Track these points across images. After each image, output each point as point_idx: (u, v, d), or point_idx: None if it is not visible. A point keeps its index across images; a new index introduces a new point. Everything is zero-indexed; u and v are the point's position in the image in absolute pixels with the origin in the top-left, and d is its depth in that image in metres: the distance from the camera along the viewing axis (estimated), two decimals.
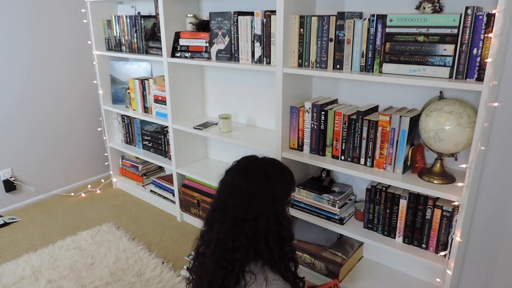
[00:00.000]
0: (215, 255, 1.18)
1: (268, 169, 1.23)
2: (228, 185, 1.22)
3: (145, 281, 2.04)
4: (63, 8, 2.87)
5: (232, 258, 1.16)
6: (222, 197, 1.22)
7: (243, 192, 1.17)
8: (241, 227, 1.16)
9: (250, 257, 1.17)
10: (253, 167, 1.24)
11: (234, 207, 1.17)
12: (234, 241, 1.16)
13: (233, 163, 1.29)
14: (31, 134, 2.88)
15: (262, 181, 1.19)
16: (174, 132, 2.48)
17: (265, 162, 1.27)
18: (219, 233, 1.19)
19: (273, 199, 1.20)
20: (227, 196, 1.19)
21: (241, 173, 1.22)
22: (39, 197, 3.01)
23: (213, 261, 1.18)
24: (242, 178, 1.20)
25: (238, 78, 2.36)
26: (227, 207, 1.19)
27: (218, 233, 1.19)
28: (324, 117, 1.79)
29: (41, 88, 2.87)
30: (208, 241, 1.25)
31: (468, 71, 1.38)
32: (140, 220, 2.71)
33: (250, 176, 1.20)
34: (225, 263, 1.16)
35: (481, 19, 1.31)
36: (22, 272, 2.12)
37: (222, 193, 1.23)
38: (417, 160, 1.66)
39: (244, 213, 1.16)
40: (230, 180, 1.23)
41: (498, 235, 1.65)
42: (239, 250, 1.15)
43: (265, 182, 1.19)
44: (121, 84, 2.98)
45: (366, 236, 1.75)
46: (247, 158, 1.30)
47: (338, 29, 1.64)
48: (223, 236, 1.18)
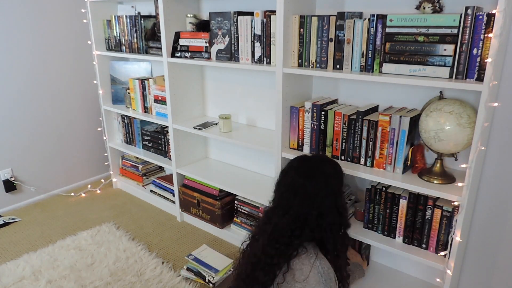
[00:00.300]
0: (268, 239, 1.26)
1: (324, 167, 1.34)
2: (290, 187, 1.30)
3: (145, 281, 2.04)
4: (63, 8, 2.87)
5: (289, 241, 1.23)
6: (284, 198, 1.30)
7: (307, 192, 1.26)
8: (303, 221, 1.24)
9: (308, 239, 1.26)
10: (311, 167, 1.33)
11: (298, 205, 1.25)
12: (295, 230, 1.24)
13: (288, 165, 1.38)
14: (31, 134, 2.88)
15: (323, 180, 1.29)
16: (174, 132, 2.48)
17: (319, 160, 1.38)
18: (277, 224, 1.27)
19: (333, 193, 1.30)
20: (291, 197, 1.27)
21: (301, 174, 1.30)
22: (39, 197, 3.01)
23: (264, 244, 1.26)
24: (304, 179, 1.28)
25: (238, 78, 2.36)
26: (290, 205, 1.27)
27: (276, 224, 1.27)
28: (324, 117, 1.79)
29: (41, 88, 2.87)
30: (263, 230, 1.31)
31: (468, 71, 1.38)
32: (140, 220, 2.71)
33: (310, 176, 1.29)
34: (277, 244, 1.24)
35: (481, 19, 1.31)
36: (22, 272, 2.12)
37: (283, 194, 1.31)
38: (417, 160, 1.66)
39: (308, 210, 1.25)
40: (291, 181, 1.31)
41: (498, 235, 1.65)
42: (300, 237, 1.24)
43: (325, 180, 1.29)
44: (121, 84, 2.98)
45: (366, 236, 1.75)
46: (301, 158, 1.39)
47: (338, 29, 1.64)
48: (282, 226, 1.25)
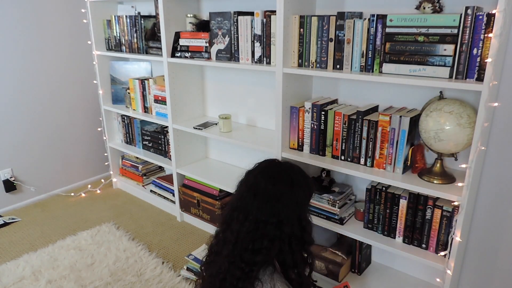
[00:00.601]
0: (232, 255, 1.17)
1: (292, 174, 1.24)
2: (251, 187, 1.21)
3: (145, 281, 2.04)
4: (63, 8, 2.87)
5: (251, 260, 1.15)
6: (243, 198, 1.22)
7: (268, 195, 1.17)
8: (263, 229, 1.16)
9: (269, 261, 1.17)
10: (278, 171, 1.25)
11: (257, 209, 1.17)
12: (255, 242, 1.15)
13: (256, 165, 1.30)
14: (31, 134, 2.88)
15: (287, 186, 1.20)
16: (174, 132, 2.48)
17: (289, 167, 1.28)
18: (239, 232, 1.17)
19: (297, 203, 1.21)
20: (250, 198, 1.19)
21: (266, 176, 1.22)
22: (39, 197, 3.01)
23: (229, 261, 1.17)
24: (267, 181, 1.20)
25: (238, 78, 2.36)
26: (249, 208, 1.18)
27: (238, 232, 1.18)
28: (324, 117, 1.79)
29: (41, 88, 2.87)
30: (224, 240, 1.23)
31: (468, 71, 1.38)
32: (140, 220, 2.71)
33: (275, 180, 1.20)
34: (242, 264, 1.15)
35: (481, 19, 1.31)
36: (22, 272, 2.12)
37: (244, 194, 1.22)
38: (417, 160, 1.66)
39: (267, 216, 1.16)
40: (253, 181, 1.22)
41: (498, 235, 1.65)
42: (260, 252, 1.15)
43: (290, 186, 1.20)
44: (121, 84, 2.98)
45: (366, 236, 1.75)
46: (270, 161, 1.31)
47: (338, 29, 1.64)
48: (243, 236, 1.17)
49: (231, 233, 1.19)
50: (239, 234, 1.17)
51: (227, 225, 1.24)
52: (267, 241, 1.15)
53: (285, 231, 1.17)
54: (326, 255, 1.94)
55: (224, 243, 1.22)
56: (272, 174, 1.23)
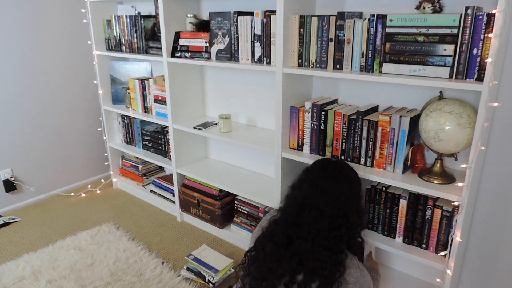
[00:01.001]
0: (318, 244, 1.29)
1: (347, 171, 1.43)
2: (317, 186, 1.35)
3: (145, 281, 2.04)
4: (63, 8, 2.87)
5: (337, 247, 1.29)
6: (311, 197, 1.34)
7: (334, 193, 1.33)
8: (337, 221, 1.31)
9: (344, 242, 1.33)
10: (336, 170, 1.41)
11: (330, 205, 1.31)
12: (335, 231, 1.30)
13: (313, 165, 1.47)
14: (31, 134, 2.88)
15: (347, 182, 1.38)
16: (174, 132, 2.48)
17: (343, 165, 1.47)
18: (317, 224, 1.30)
19: (356, 196, 1.40)
20: (319, 196, 1.33)
21: (328, 176, 1.37)
22: (39, 197, 3.01)
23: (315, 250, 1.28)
24: (331, 179, 1.36)
25: (238, 78, 2.36)
26: (320, 204, 1.32)
27: (317, 224, 1.30)
28: (324, 117, 1.79)
29: (41, 88, 2.87)
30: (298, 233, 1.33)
31: (468, 71, 1.38)
32: (140, 220, 2.71)
33: (337, 179, 1.37)
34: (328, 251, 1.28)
35: (481, 19, 1.31)
36: (22, 272, 2.12)
37: (309, 193, 1.35)
38: (417, 160, 1.66)
39: (337, 210, 1.31)
40: (317, 180, 1.36)
41: (498, 235, 1.65)
42: (342, 239, 1.31)
43: (349, 183, 1.39)
44: (121, 84, 2.98)
45: (366, 236, 1.74)
46: (327, 161, 1.48)
47: (338, 29, 1.64)
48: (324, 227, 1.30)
49: (308, 227, 1.31)
50: (318, 227, 1.30)
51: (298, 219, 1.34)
52: (345, 229, 1.31)
53: (350, 221, 1.33)
54: None
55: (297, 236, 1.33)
56: (333, 173, 1.39)
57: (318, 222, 1.30)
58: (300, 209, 1.35)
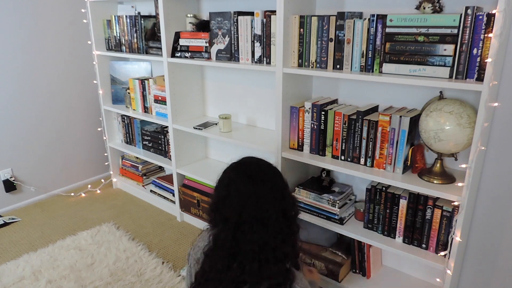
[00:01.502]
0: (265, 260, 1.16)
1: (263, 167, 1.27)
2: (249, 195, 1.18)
3: (145, 281, 2.04)
4: (63, 8, 2.87)
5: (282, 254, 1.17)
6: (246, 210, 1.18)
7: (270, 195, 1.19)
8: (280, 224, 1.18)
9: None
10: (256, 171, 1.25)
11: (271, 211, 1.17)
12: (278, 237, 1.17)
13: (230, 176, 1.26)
14: (31, 134, 2.88)
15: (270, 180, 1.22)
16: (174, 132, 2.48)
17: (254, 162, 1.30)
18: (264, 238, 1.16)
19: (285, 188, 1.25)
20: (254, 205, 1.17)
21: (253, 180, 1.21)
22: (39, 197, 3.01)
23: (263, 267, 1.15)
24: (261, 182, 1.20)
25: (238, 78, 2.36)
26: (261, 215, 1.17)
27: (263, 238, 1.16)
28: (324, 117, 1.79)
29: (41, 88, 2.87)
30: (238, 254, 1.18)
31: (468, 71, 1.38)
32: (140, 220, 2.71)
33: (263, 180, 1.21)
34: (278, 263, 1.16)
35: (481, 19, 1.31)
36: (22, 272, 2.12)
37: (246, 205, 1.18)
38: (417, 160, 1.66)
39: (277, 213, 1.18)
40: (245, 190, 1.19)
41: (498, 235, 1.65)
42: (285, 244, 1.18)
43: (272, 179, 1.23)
44: (121, 84, 2.98)
45: (366, 236, 1.75)
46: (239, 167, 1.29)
47: (338, 29, 1.64)
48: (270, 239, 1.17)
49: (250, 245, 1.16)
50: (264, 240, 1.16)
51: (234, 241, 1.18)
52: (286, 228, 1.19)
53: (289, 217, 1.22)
54: (326, 255, 1.94)
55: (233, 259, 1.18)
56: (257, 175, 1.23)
57: (263, 235, 1.15)
58: (235, 230, 1.17)
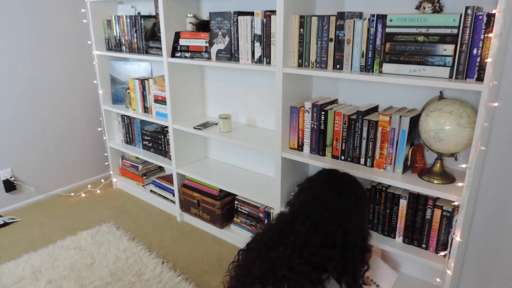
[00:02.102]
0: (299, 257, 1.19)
1: (355, 187, 1.33)
2: (318, 197, 1.26)
3: (145, 281, 2.04)
4: (63, 8, 2.87)
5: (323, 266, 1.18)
6: (309, 206, 1.26)
7: (336, 207, 1.23)
8: (332, 239, 1.20)
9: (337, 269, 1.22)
10: (342, 183, 1.32)
11: (328, 220, 1.22)
12: (326, 249, 1.19)
13: (317, 174, 1.37)
14: (31, 134, 2.88)
15: (353, 199, 1.27)
16: (174, 132, 2.48)
17: (351, 179, 1.36)
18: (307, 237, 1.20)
19: (360, 215, 1.29)
20: (319, 208, 1.24)
21: (332, 187, 1.28)
22: (39, 197, 3.01)
23: (292, 261, 1.19)
24: (334, 193, 1.26)
25: (238, 78, 2.36)
26: (318, 217, 1.23)
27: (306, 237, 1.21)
28: (324, 117, 1.79)
29: (41, 88, 2.87)
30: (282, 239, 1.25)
31: (468, 71, 1.38)
32: (140, 220, 2.71)
33: (342, 193, 1.26)
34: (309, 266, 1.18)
35: (481, 19, 1.31)
36: (22, 272, 2.12)
37: (309, 202, 1.27)
38: (417, 160, 1.66)
39: (336, 227, 1.21)
40: (319, 191, 1.27)
41: (498, 235, 1.65)
42: (334, 259, 1.19)
43: (355, 200, 1.28)
44: (121, 84, 2.98)
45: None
46: (331, 172, 1.38)
47: (338, 29, 1.64)
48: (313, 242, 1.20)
49: (296, 236, 1.22)
50: (307, 239, 1.20)
51: (288, 227, 1.26)
52: (339, 249, 1.20)
53: (349, 241, 1.23)
54: None
55: (281, 242, 1.24)
56: (338, 186, 1.29)
57: (308, 235, 1.20)
58: (294, 217, 1.27)
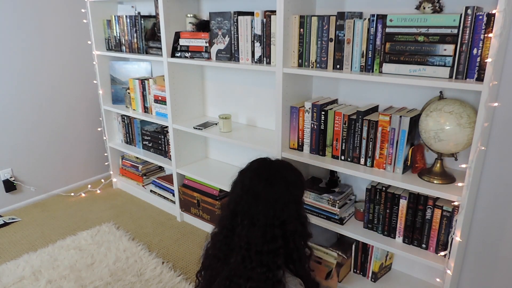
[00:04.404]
0: (249, 260, 1.17)
1: (286, 173, 1.26)
2: (249, 190, 1.22)
3: (145, 281, 2.04)
4: (63, 8, 2.87)
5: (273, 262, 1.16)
6: (243, 202, 1.22)
7: (268, 198, 1.19)
8: (271, 231, 1.18)
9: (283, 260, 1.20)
10: (272, 172, 1.26)
11: (262, 213, 1.18)
12: (269, 244, 1.17)
13: (248, 165, 1.31)
14: (31, 134, 2.88)
15: (283, 187, 1.22)
16: (174, 132, 2.48)
17: (281, 165, 1.30)
18: (250, 237, 1.18)
19: (295, 202, 1.25)
20: (252, 202, 1.20)
21: (261, 178, 1.23)
22: (39, 197, 3.01)
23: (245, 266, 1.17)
24: (264, 183, 1.21)
25: (238, 78, 2.36)
26: (253, 213, 1.19)
27: (248, 237, 1.18)
28: (324, 117, 1.79)
29: (41, 88, 2.87)
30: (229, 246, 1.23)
31: (468, 71, 1.38)
32: (140, 220, 2.71)
33: (272, 182, 1.21)
34: (263, 268, 1.16)
35: (481, 19, 1.31)
36: (22, 272, 2.12)
37: (242, 197, 1.23)
38: (417, 160, 1.66)
39: (272, 219, 1.18)
40: (250, 184, 1.23)
41: (498, 235, 1.65)
42: (279, 253, 1.17)
43: (286, 187, 1.22)
44: (121, 84, 2.98)
45: (366, 236, 1.75)
46: (261, 161, 1.31)
47: (338, 29, 1.64)
48: (255, 240, 1.17)
49: (239, 239, 1.19)
50: (250, 239, 1.18)
51: (230, 230, 1.24)
52: (280, 241, 1.18)
53: (289, 229, 1.20)
54: None
55: (230, 249, 1.22)
56: (267, 176, 1.23)
57: (249, 234, 1.16)
58: (232, 218, 1.22)
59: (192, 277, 2.10)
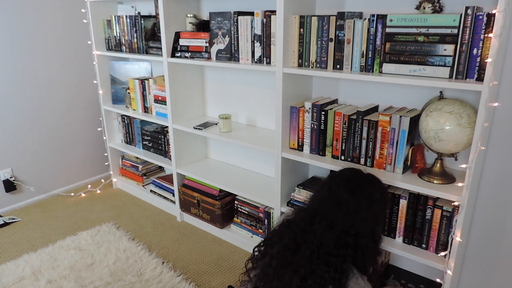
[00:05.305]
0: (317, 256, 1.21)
1: (372, 190, 1.30)
2: (333, 196, 1.28)
3: (145, 281, 2.04)
4: (63, 8, 2.87)
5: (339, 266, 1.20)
6: (325, 204, 1.28)
7: (349, 209, 1.24)
8: (345, 239, 1.22)
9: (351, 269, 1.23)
10: (360, 185, 1.30)
11: (342, 220, 1.23)
12: (340, 249, 1.21)
13: (340, 173, 1.37)
14: (31, 134, 2.88)
15: (367, 202, 1.26)
16: (174, 132, 2.48)
17: (370, 181, 1.34)
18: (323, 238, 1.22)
19: (373, 219, 1.28)
20: (334, 207, 1.25)
21: (348, 189, 1.27)
22: (39, 197, 3.01)
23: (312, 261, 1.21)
24: (350, 193, 1.26)
25: (238, 78, 2.36)
26: (332, 217, 1.24)
27: (322, 237, 1.22)
28: (324, 117, 1.79)
29: (41, 88, 2.87)
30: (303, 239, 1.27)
31: (468, 71, 1.38)
32: (140, 220, 2.71)
33: (357, 195, 1.26)
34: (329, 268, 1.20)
35: (481, 19, 1.31)
36: (22, 272, 2.12)
37: (326, 200, 1.29)
38: (417, 160, 1.66)
39: (348, 228, 1.23)
40: (336, 191, 1.28)
41: (498, 235, 1.65)
42: (346, 260, 1.21)
43: (369, 203, 1.27)
44: (121, 84, 2.98)
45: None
46: (354, 172, 1.36)
47: (338, 29, 1.64)
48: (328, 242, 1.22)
49: (314, 236, 1.23)
50: (323, 239, 1.22)
51: (308, 225, 1.28)
52: (351, 250, 1.22)
53: (360, 242, 1.24)
54: None
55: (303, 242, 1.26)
56: (354, 188, 1.28)
57: (324, 235, 1.22)
58: (313, 216, 1.28)
59: (192, 277, 2.10)
